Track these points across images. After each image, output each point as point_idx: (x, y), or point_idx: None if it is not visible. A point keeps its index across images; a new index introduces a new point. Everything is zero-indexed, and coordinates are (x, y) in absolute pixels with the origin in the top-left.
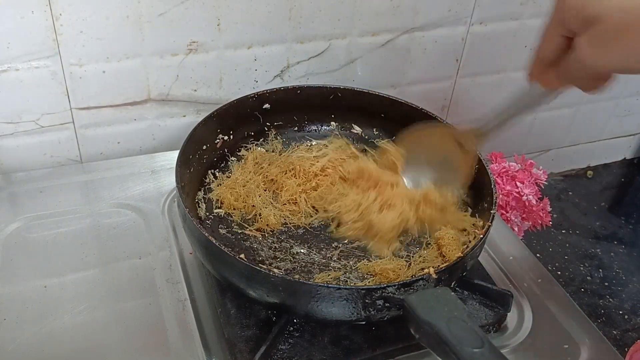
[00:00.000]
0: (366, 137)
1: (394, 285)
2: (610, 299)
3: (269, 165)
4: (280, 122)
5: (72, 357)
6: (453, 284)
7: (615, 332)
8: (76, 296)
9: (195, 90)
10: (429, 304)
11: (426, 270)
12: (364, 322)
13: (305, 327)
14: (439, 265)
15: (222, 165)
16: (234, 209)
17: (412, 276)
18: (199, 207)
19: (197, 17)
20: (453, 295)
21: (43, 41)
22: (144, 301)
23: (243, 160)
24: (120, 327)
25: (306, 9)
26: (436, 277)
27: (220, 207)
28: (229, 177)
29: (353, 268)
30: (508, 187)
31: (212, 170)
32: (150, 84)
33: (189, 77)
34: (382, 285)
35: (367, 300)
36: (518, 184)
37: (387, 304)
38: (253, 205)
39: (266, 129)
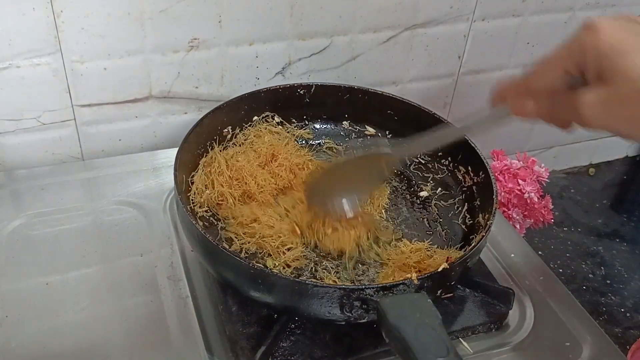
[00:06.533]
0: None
1: (373, 288)
2: (612, 297)
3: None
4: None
5: (73, 354)
6: (440, 292)
7: (617, 330)
8: (78, 293)
9: (197, 88)
10: (401, 309)
11: (408, 276)
12: (343, 323)
13: (307, 325)
14: (422, 270)
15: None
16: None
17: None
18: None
19: (198, 13)
20: (429, 302)
21: (44, 38)
22: (146, 298)
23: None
24: (122, 324)
25: (308, 6)
26: (418, 283)
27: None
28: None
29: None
30: (510, 185)
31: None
32: (152, 81)
33: (190, 74)
34: (360, 287)
35: (344, 301)
36: (520, 181)
37: (364, 306)
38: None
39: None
